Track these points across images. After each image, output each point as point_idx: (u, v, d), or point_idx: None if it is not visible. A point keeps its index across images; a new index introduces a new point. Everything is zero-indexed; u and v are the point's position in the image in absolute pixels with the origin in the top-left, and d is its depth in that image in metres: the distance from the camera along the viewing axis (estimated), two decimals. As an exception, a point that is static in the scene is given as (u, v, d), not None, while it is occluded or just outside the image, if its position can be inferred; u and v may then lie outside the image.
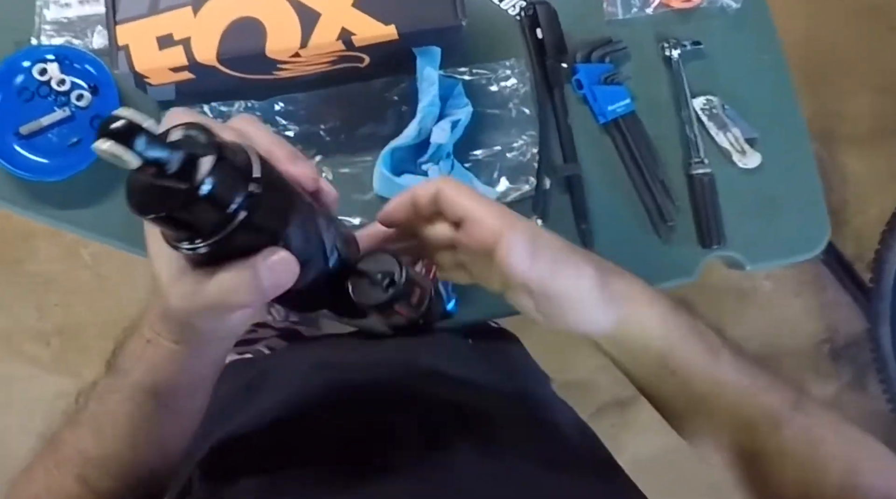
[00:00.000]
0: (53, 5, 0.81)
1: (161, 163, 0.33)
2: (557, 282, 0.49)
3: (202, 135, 0.35)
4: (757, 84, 0.90)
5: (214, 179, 0.34)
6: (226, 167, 0.34)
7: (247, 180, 0.36)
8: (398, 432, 0.60)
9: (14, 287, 1.81)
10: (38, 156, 0.78)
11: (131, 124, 0.32)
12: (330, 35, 0.72)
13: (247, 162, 0.36)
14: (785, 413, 0.55)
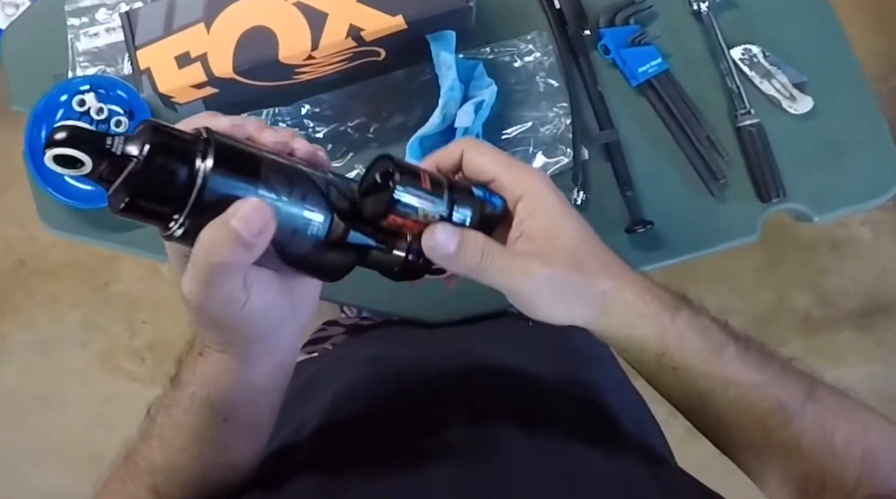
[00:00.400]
0: (84, 37, 0.85)
1: (104, 153, 0.35)
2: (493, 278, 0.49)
3: (149, 124, 0.37)
4: (799, 27, 0.84)
5: (156, 146, 0.36)
6: (167, 138, 0.36)
7: (194, 147, 0.37)
8: (447, 422, 0.59)
9: (105, 309, 1.94)
10: (88, 185, 0.82)
11: (70, 130, 0.34)
12: (339, 33, 0.72)
13: (194, 135, 0.38)
14: (797, 405, 0.52)
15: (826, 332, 1.87)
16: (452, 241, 0.46)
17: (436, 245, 0.46)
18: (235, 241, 0.37)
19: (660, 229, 0.80)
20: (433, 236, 0.46)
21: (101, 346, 1.93)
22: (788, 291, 1.88)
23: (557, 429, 0.60)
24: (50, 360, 1.94)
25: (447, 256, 0.46)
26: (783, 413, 0.52)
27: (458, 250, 0.46)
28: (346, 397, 0.68)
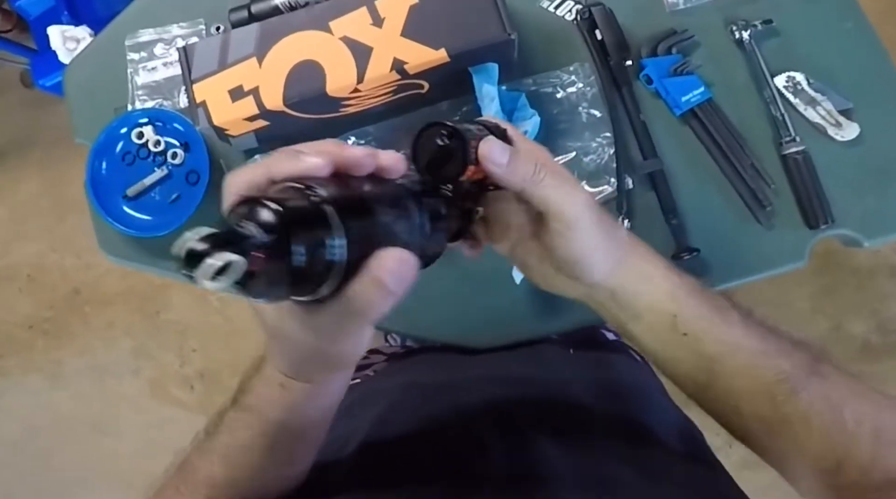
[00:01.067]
0: (142, 71, 0.89)
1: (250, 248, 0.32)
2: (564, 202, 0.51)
3: (258, 208, 0.34)
4: (843, 53, 0.84)
5: (300, 247, 0.34)
6: (298, 219, 0.34)
7: (325, 219, 0.35)
8: (487, 446, 0.60)
9: (156, 337, 1.99)
10: (145, 214, 0.86)
11: (211, 239, 0.31)
12: (384, 67, 0.74)
13: (315, 205, 0.36)
14: (801, 377, 0.53)
15: (888, 358, 1.81)
16: (506, 151, 0.49)
17: (494, 153, 0.48)
18: (387, 294, 0.39)
19: (706, 256, 0.80)
20: (492, 146, 0.49)
21: (152, 373, 1.99)
22: (846, 319, 1.83)
23: (600, 456, 0.60)
24: (103, 387, 2.00)
25: (504, 163, 0.49)
26: (789, 384, 0.53)
27: (514, 159, 0.49)
28: (387, 419, 0.69)
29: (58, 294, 2.03)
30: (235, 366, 1.94)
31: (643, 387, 0.85)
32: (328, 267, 0.36)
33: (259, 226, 0.32)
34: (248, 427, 0.52)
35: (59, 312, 2.02)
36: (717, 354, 0.55)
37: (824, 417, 0.52)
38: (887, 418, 0.53)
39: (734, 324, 0.55)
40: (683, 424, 0.78)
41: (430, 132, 0.49)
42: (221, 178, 0.85)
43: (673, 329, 0.55)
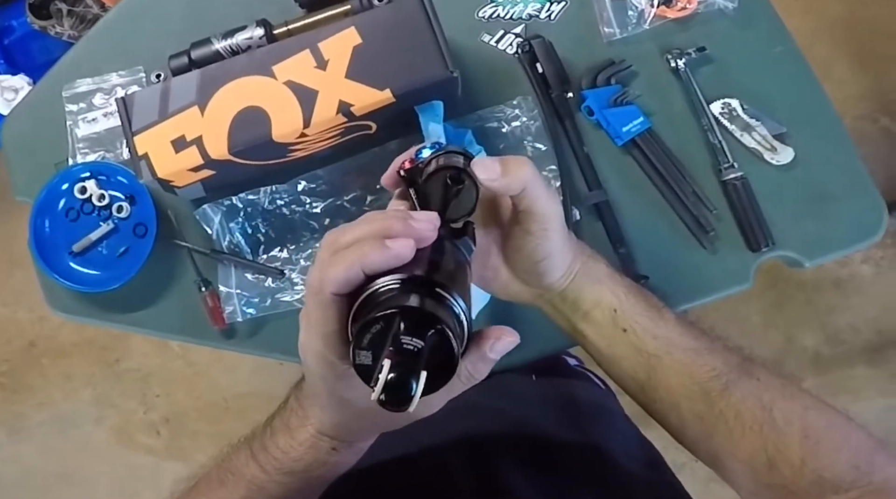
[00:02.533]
0: (82, 122, 0.88)
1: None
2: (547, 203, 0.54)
3: (404, 323, 0.37)
4: (774, 78, 0.86)
5: (457, 339, 0.37)
6: (447, 320, 0.37)
7: (451, 304, 0.39)
8: (454, 472, 0.61)
9: (117, 385, 1.96)
10: (92, 269, 0.84)
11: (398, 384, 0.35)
12: (330, 110, 0.74)
13: (432, 317, 0.38)
14: (733, 375, 0.57)
15: (839, 369, 1.87)
16: (497, 162, 0.52)
17: (489, 169, 0.51)
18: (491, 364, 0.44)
19: (655, 283, 0.82)
20: (485, 163, 0.52)
21: (115, 421, 1.95)
22: (797, 332, 1.88)
23: (566, 484, 0.61)
24: (67, 437, 1.96)
25: (497, 174, 0.52)
26: (720, 381, 0.57)
27: (505, 167, 0.52)
28: None
29: (13, 348, 1.99)
30: (201, 409, 1.93)
31: (605, 413, 0.86)
32: (463, 334, 0.40)
33: (418, 337, 0.36)
34: (288, 487, 0.54)
35: (15, 365, 1.99)
36: (655, 350, 0.59)
37: (756, 414, 0.56)
38: (814, 418, 0.56)
39: (669, 321, 0.60)
40: (646, 448, 0.79)
41: (436, 177, 0.51)
42: (170, 228, 0.85)
43: (614, 324, 0.60)
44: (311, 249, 0.84)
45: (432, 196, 0.52)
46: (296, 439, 0.52)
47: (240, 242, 0.84)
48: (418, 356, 0.35)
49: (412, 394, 0.34)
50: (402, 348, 0.35)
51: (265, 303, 0.83)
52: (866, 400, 1.85)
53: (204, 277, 0.84)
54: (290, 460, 0.52)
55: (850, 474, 0.52)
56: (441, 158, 0.53)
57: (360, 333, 0.37)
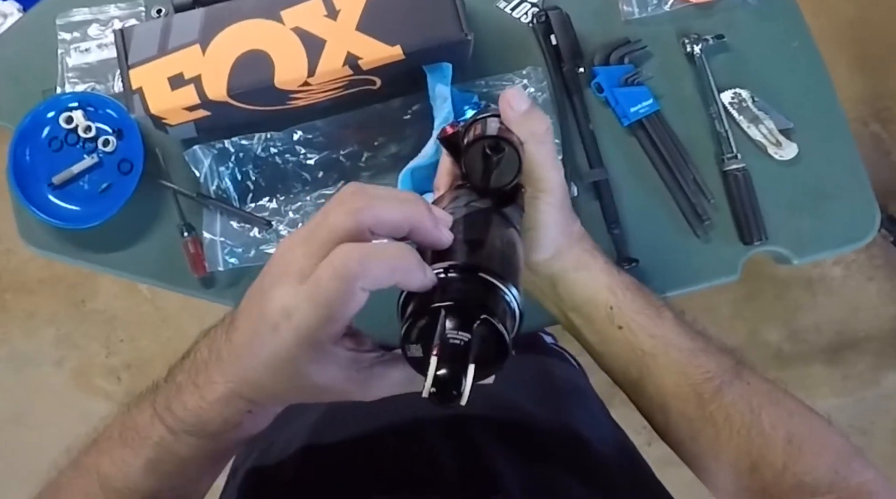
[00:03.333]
0: (74, 52, 0.84)
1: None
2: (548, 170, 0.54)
3: (452, 318, 0.36)
4: (788, 73, 0.86)
5: (502, 323, 0.37)
6: (493, 307, 0.37)
7: (497, 289, 0.39)
8: (435, 447, 0.60)
9: (82, 325, 1.90)
10: (72, 204, 0.81)
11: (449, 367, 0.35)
12: (336, 61, 0.72)
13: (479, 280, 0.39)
14: (726, 378, 0.57)
15: (797, 366, 1.91)
16: (527, 101, 0.53)
17: (516, 98, 0.52)
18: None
19: (644, 267, 0.81)
20: (515, 92, 0.53)
21: (76, 364, 1.90)
22: (762, 326, 1.92)
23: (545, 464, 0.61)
24: (23, 377, 1.90)
25: (522, 109, 0.52)
26: (713, 383, 0.57)
27: (531, 110, 0.53)
28: (330, 421, 0.68)
29: (-24, 280, 1.92)
30: (166, 356, 1.83)
31: (581, 395, 0.86)
32: (514, 317, 0.39)
33: (463, 330, 0.35)
34: (198, 448, 0.48)
35: (-24, 299, 1.92)
36: (651, 349, 0.58)
37: (744, 418, 0.56)
38: (798, 425, 0.56)
39: (667, 320, 0.59)
40: (617, 432, 0.79)
41: (474, 147, 0.50)
42: (156, 167, 0.82)
43: (609, 321, 0.59)
44: (300, 202, 0.82)
45: (473, 167, 0.50)
46: (205, 398, 0.46)
47: (228, 187, 0.82)
48: (466, 350, 0.35)
49: (462, 389, 0.34)
50: (448, 343, 0.35)
51: (249, 253, 0.81)
52: (820, 398, 1.90)
53: (187, 221, 0.81)
54: (199, 421, 0.46)
55: (829, 478, 0.53)
56: (479, 124, 0.52)
57: (409, 327, 0.37)
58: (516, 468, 0.58)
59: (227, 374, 0.44)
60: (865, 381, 1.92)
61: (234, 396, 0.44)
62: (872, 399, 1.91)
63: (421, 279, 0.38)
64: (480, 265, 0.39)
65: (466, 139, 0.51)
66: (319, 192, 0.82)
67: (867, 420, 1.91)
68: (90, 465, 0.51)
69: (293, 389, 0.42)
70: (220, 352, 0.45)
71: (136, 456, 0.49)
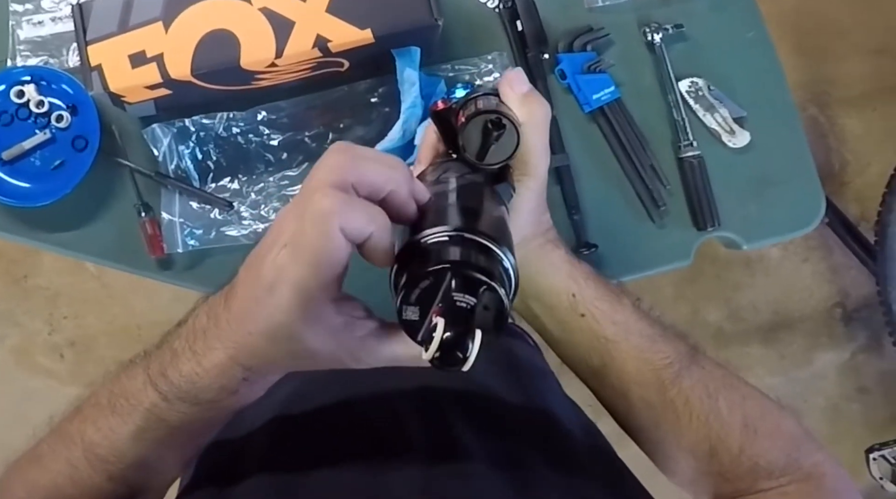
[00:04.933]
0: (26, 24, 0.80)
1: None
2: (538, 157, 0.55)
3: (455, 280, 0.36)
4: (742, 63, 0.89)
5: (501, 287, 0.36)
6: (491, 271, 0.37)
7: (496, 254, 0.38)
8: (404, 422, 0.61)
9: (23, 302, 1.84)
10: (22, 181, 0.78)
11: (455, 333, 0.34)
12: (305, 43, 0.71)
13: (479, 245, 0.38)
14: (684, 363, 0.58)
15: (736, 345, 1.98)
16: (526, 84, 0.55)
17: (516, 80, 0.54)
18: None
19: (602, 252, 0.83)
20: (518, 74, 0.55)
21: (16, 341, 1.83)
22: (703, 305, 1.97)
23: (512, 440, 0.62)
24: (-40, 354, 1.82)
25: (522, 92, 0.54)
26: (673, 368, 0.58)
27: (531, 93, 0.54)
28: (300, 394, 0.68)
29: None
30: (112, 334, 1.83)
31: (543, 375, 0.88)
32: (513, 288, 0.39)
33: (470, 294, 0.35)
34: (190, 416, 0.48)
35: None
36: (613, 335, 0.59)
37: (703, 403, 0.57)
38: (752, 408, 0.58)
39: (626, 307, 0.60)
40: (578, 412, 0.81)
41: (475, 121, 0.50)
42: (112, 145, 0.80)
43: (572, 309, 0.59)
44: (263, 183, 0.81)
45: (471, 140, 0.50)
46: (202, 365, 0.45)
47: (188, 167, 0.80)
48: (471, 314, 0.34)
49: (468, 354, 0.34)
50: (454, 306, 0.34)
51: (209, 235, 0.80)
52: (755, 377, 1.97)
53: (145, 201, 0.80)
54: (195, 388, 0.46)
55: (783, 461, 0.56)
56: (479, 100, 0.52)
57: (409, 287, 0.35)
58: (484, 442, 0.58)
59: (226, 340, 0.44)
60: (799, 360, 2.00)
61: (231, 362, 0.44)
62: (805, 378, 2.00)
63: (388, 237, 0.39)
64: (482, 231, 0.38)
65: (465, 113, 0.51)
66: (283, 173, 0.81)
67: (800, 399, 2.00)
68: (73, 432, 0.51)
69: (289, 353, 0.42)
70: (218, 319, 0.44)
71: (124, 423, 0.48)
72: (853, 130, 1.98)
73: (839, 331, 2.01)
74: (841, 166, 1.96)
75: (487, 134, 0.49)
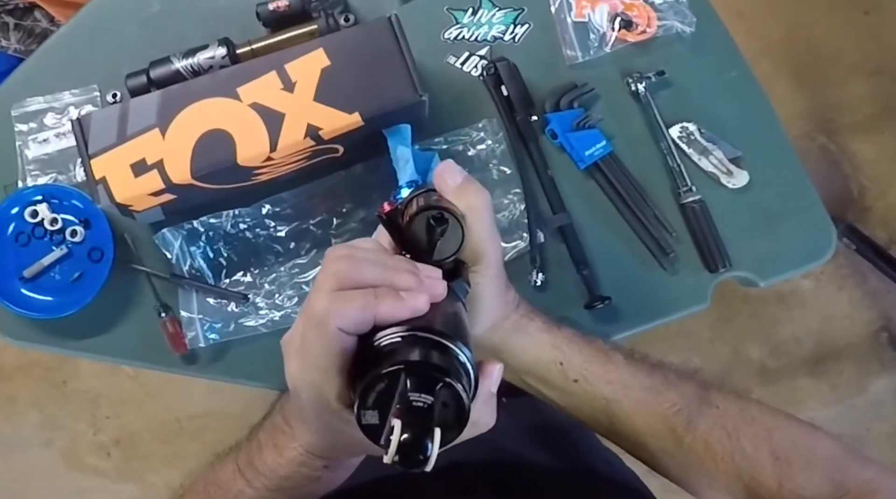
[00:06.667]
0: (33, 143, 0.84)
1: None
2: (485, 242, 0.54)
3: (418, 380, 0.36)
4: (730, 102, 0.89)
5: (461, 385, 0.37)
6: (452, 372, 0.37)
7: (453, 352, 0.38)
8: (428, 495, 0.60)
9: (65, 406, 1.89)
10: (45, 295, 0.81)
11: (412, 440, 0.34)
12: (297, 133, 0.73)
13: (439, 345, 0.38)
14: (693, 407, 0.57)
15: (784, 380, 1.93)
16: (461, 175, 0.55)
17: (447, 172, 0.54)
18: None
19: (617, 304, 0.83)
20: (450, 166, 0.55)
21: (63, 443, 1.89)
22: (742, 344, 1.93)
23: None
24: (11, 461, 1.88)
25: (457, 183, 0.54)
26: (683, 415, 0.57)
27: (465, 182, 0.54)
28: None
29: (-47, 372, 1.89)
30: (154, 429, 1.88)
31: (581, 429, 0.86)
32: (470, 384, 0.38)
33: (426, 392, 0.35)
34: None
35: (-44, 390, 1.89)
36: (612, 395, 0.59)
37: (724, 444, 0.56)
38: (780, 440, 0.56)
39: (619, 363, 0.60)
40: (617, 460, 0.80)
41: (418, 219, 0.51)
42: (127, 252, 0.82)
43: (563, 377, 0.60)
44: (275, 273, 0.83)
45: (417, 238, 0.51)
46: (284, 456, 0.51)
47: (201, 266, 0.82)
48: (429, 413, 0.34)
49: (428, 453, 0.33)
50: (411, 406, 0.34)
51: (229, 328, 0.82)
52: (809, 410, 1.91)
53: (163, 301, 0.82)
54: (278, 477, 0.51)
55: (827, 487, 0.53)
56: (420, 197, 0.53)
57: (365, 392, 0.35)
58: None
59: (297, 437, 0.50)
60: (852, 389, 1.94)
61: (307, 455, 0.50)
62: (863, 406, 1.93)
63: (399, 307, 0.40)
64: (438, 330, 0.39)
65: (409, 213, 0.51)
66: (293, 262, 0.83)
67: (862, 427, 1.93)
68: None
69: (346, 444, 0.47)
70: (286, 418, 0.51)
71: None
72: (865, 154, 1.96)
73: (888, 355, 1.95)
74: (860, 192, 1.93)
75: (431, 230, 0.50)
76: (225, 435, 0.58)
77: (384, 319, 0.39)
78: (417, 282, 0.42)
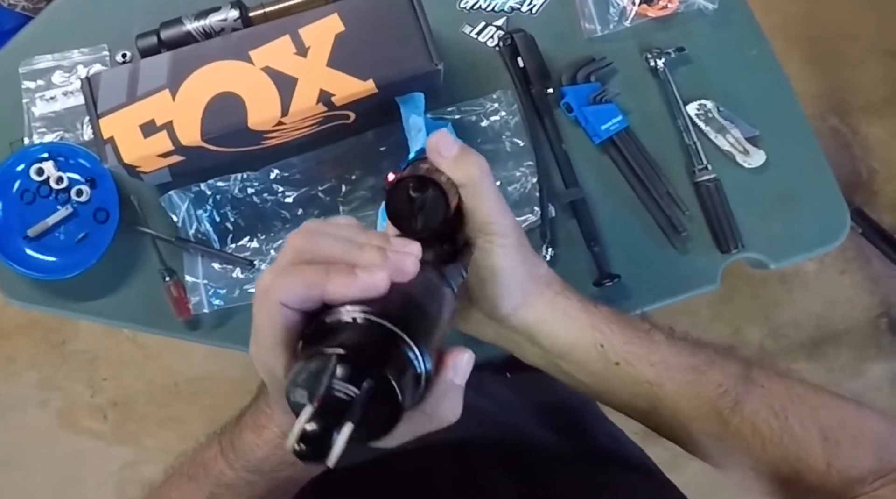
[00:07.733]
0: (40, 101, 0.83)
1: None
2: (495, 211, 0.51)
3: (339, 366, 0.32)
4: (749, 81, 0.87)
5: (398, 381, 0.33)
6: (388, 364, 0.33)
7: (401, 344, 0.35)
8: (437, 472, 0.60)
9: (63, 367, 1.89)
10: (48, 255, 0.80)
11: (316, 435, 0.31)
12: (310, 99, 0.72)
13: (385, 331, 0.35)
14: (739, 387, 0.54)
15: (781, 362, 1.92)
16: (455, 144, 0.50)
17: (441, 143, 0.49)
18: (461, 391, 0.40)
19: (626, 282, 0.82)
20: (442, 136, 0.50)
21: (60, 404, 1.89)
22: (743, 325, 1.93)
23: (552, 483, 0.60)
24: (8, 421, 1.89)
25: (452, 155, 0.49)
26: (729, 396, 0.54)
27: (462, 153, 0.50)
28: None
29: (-49, 330, 1.89)
30: (150, 393, 1.87)
31: (589, 412, 0.86)
32: (418, 381, 0.35)
33: (353, 384, 0.31)
34: (256, 485, 0.53)
35: (-48, 348, 1.90)
36: (654, 378, 0.55)
37: (772, 426, 0.53)
38: (826, 418, 0.54)
39: (661, 343, 0.56)
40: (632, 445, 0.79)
41: (399, 189, 0.47)
42: (132, 214, 0.81)
43: (604, 359, 0.55)
44: (281, 240, 0.82)
45: (399, 211, 0.47)
46: (262, 437, 0.50)
47: (207, 230, 0.81)
48: (348, 406, 0.31)
49: (332, 448, 0.30)
50: (331, 395, 0.31)
51: (233, 294, 0.81)
52: (806, 394, 1.92)
53: (168, 265, 0.81)
54: (256, 458, 0.50)
55: (874, 466, 0.51)
56: (408, 168, 0.49)
57: (298, 369, 0.33)
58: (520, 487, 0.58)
59: (274, 418, 0.49)
60: (849, 373, 1.94)
61: (284, 437, 0.47)
62: (860, 390, 1.93)
63: (347, 286, 0.37)
64: (390, 314, 0.35)
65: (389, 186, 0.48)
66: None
67: (859, 411, 1.94)
68: (162, 497, 0.56)
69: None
70: (266, 398, 0.50)
71: (199, 490, 0.53)
72: (877, 137, 1.94)
73: (886, 341, 1.95)
74: (869, 175, 1.92)
75: (411, 201, 0.47)
76: (222, 399, 0.58)
77: (333, 297, 0.37)
78: (382, 259, 0.39)
